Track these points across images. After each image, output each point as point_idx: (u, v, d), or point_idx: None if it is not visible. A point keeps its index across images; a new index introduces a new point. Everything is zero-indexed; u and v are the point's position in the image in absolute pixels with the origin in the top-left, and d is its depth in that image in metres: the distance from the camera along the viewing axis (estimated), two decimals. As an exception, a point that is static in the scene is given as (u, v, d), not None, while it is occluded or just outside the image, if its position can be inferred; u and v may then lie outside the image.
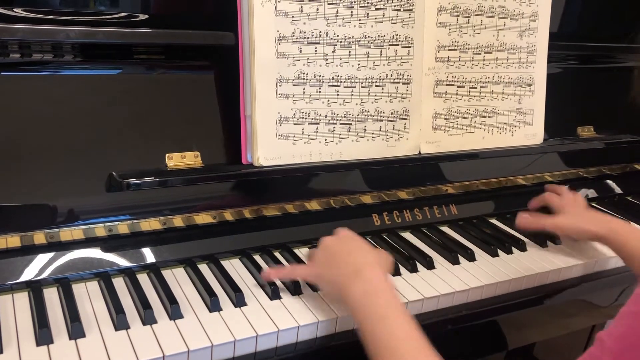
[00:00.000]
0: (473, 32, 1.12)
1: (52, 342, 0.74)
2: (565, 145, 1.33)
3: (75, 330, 0.75)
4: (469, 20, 1.11)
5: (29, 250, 0.85)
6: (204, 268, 0.94)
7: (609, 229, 1.03)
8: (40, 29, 0.85)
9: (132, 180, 0.87)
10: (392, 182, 1.12)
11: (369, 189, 1.10)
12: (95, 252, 0.89)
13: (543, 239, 1.14)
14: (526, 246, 1.11)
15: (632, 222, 1.27)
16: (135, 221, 0.91)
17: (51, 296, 0.83)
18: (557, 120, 1.31)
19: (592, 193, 1.39)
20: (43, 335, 0.74)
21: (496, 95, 1.18)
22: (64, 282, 0.85)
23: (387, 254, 0.90)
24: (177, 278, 0.91)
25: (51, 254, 0.86)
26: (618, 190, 1.42)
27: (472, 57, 1.13)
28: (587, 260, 1.09)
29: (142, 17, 0.95)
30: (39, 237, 0.85)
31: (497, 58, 1.16)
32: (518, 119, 1.22)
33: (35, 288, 0.83)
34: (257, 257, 0.98)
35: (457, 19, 1.10)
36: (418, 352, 0.71)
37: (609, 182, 1.43)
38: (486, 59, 1.15)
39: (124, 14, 0.94)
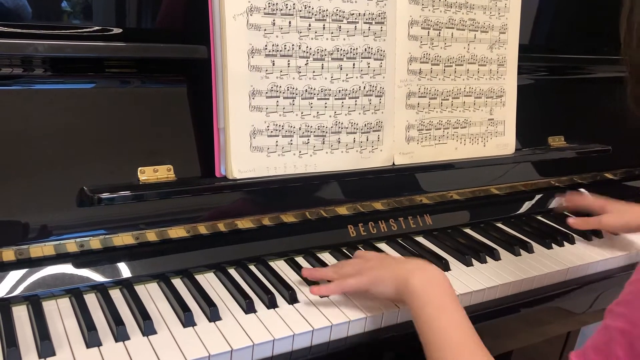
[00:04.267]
0: (444, 45, 1.14)
1: (20, 361, 0.72)
2: (537, 155, 1.35)
3: (45, 348, 0.74)
4: (439, 32, 1.13)
5: (-3, 268, 0.83)
6: (177, 283, 0.93)
7: None
8: (8, 42, 0.84)
9: (103, 195, 0.86)
10: (367, 193, 1.12)
11: (344, 201, 1.10)
12: (66, 268, 0.88)
13: (516, 246, 1.15)
14: (500, 255, 1.12)
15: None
16: (107, 236, 0.90)
17: (20, 314, 0.81)
18: (529, 131, 1.34)
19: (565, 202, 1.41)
20: (11, 355, 0.72)
21: (468, 106, 1.20)
22: (33, 300, 0.83)
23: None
24: (151, 293, 0.90)
25: (20, 271, 0.84)
26: (590, 198, 1.45)
27: (444, 69, 1.15)
28: (561, 267, 1.11)
29: (116, 30, 0.95)
30: (8, 254, 0.84)
31: (468, 70, 1.18)
32: (490, 129, 1.23)
33: (3, 306, 0.81)
34: (232, 271, 0.98)
35: (429, 32, 1.12)
36: (471, 340, 0.77)
37: (581, 190, 1.45)
38: (457, 71, 1.17)
39: (97, 28, 0.93)
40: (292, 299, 0.91)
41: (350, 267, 0.93)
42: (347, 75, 1.03)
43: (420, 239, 1.16)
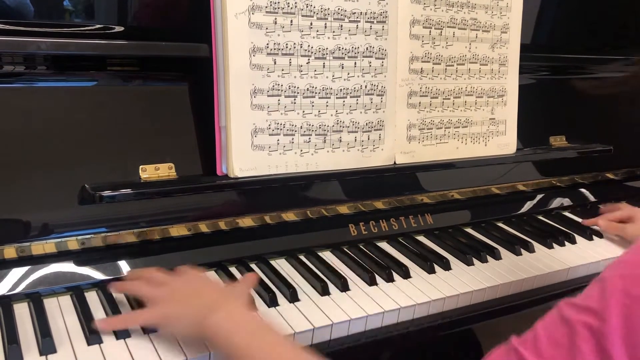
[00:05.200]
0: (446, 44, 1.14)
1: (21, 358, 0.72)
2: (538, 154, 1.35)
3: (46, 345, 0.74)
4: (441, 32, 1.13)
5: (-1, 265, 0.84)
6: (179, 281, 0.93)
7: None
8: (11, 40, 0.84)
9: (105, 193, 0.86)
10: (368, 193, 1.12)
11: (346, 199, 1.10)
12: (67, 266, 0.88)
13: (517, 246, 1.15)
14: (501, 254, 1.12)
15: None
16: (108, 234, 0.90)
17: (21, 311, 0.82)
18: (530, 130, 1.34)
19: (566, 202, 1.41)
20: (12, 352, 0.72)
21: (469, 105, 1.19)
22: (35, 297, 0.84)
23: (243, 286, 0.85)
24: (152, 291, 0.90)
25: (22, 269, 0.85)
26: (592, 198, 1.44)
27: (445, 69, 1.15)
28: (563, 267, 1.11)
29: (118, 29, 0.95)
30: (10, 252, 0.84)
31: (469, 69, 1.18)
32: (491, 129, 1.23)
33: (4, 304, 0.81)
34: (233, 269, 0.98)
35: (430, 31, 1.12)
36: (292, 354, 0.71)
37: (582, 190, 1.45)
38: (459, 70, 1.17)
39: (99, 26, 0.93)
40: (292, 297, 0.91)
41: (149, 287, 0.81)
42: (348, 74, 1.03)
43: (421, 238, 1.16)
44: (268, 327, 0.76)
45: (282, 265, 1.02)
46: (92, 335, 0.77)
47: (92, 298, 0.86)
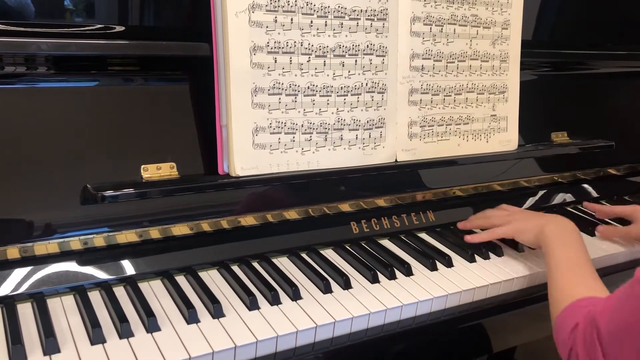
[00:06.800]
0: (446, 41, 1.14)
1: (25, 358, 0.73)
2: (540, 150, 1.35)
3: (50, 345, 0.74)
4: (442, 29, 1.13)
5: (2, 265, 0.84)
6: (181, 280, 0.93)
7: None
8: (12, 41, 0.84)
9: (106, 193, 0.86)
10: (370, 190, 1.12)
11: (347, 198, 1.10)
12: (70, 266, 0.88)
13: (519, 243, 1.15)
14: (503, 251, 1.12)
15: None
16: (110, 234, 0.90)
17: (25, 312, 0.82)
18: (532, 127, 1.34)
19: (569, 197, 1.41)
20: (16, 352, 0.73)
21: (470, 102, 1.19)
22: (38, 297, 0.84)
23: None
24: (155, 290, 0.90)
25: (25, 269, 0.85)
26: (594, 194, 1.44)
27: (446, 66, 1.15)
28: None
29: (119, 28, 0.95)
30: (13, 252, 0.84)
31: (470, 66, 1.18)
32: (492, 125, 1.23)
33: (8, 304, 0.82)
34: (235, 268, 0.98)
35: (431, 28, 1.12)
36: (583, 271, 0.93)
37: (585, 186, 1.45)
38: (460, 67, 1.17)
39: (100, 26, 0.94)
40: (295, 295, 0.91)
41: (496, 218, 1.12)
42: (349, 72, 1.03)
43: (423, 236, 1.17)
44: (580, 245, 0.99)
45: (284, 263, 1.02)
46: (95, 335, 0.77)
47: (95, 298, 0.87)
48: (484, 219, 1.15)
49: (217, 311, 0.85)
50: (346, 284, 0.96)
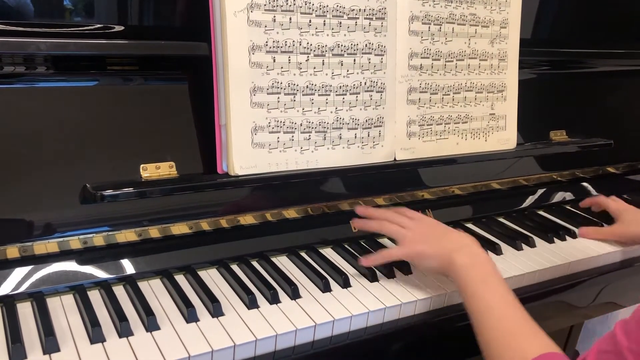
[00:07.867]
0: (445, 40, 1.14)
1: (25, 357, 0.73)
2: (539, 149, 1.35)
3: (50, 344, 0.75)
4: (440, 28, 1.13)
5: (2, 265, 0.84)
6: (180, 279, 0.93)
7: None
8: (10, 41, 0.84)
9: (105, 192, 0.87)
10: (369, 189, 1.13)
11: (346, 196, 1.10)
12: (70, 265, 0.88)
13: (518, 241, 1.15)
14: (502, 249, 1.13)
15: None
16: (110, 233, 0.90)
17: (25, 311, 0.82)
18: (530, 125, 1.34)
19: (568, 196, 1.41)
20: (16, 351, 0.73)
21: (469, 101, 1.20)
22: (38, 296, 0.84)
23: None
24: (154, 289, 0.91)
25: (25, 268, 0.85)
26: (593, 192, 1.44)
27: (445, 64, 1.15)
28: (564, 262, 1.11)
29: (118, 28, 0.95)
30: (12, 251, 0.84)
31: (469, 65, 1.18)
32: (491, 124, 1.23)
33: (8, 303, 0.82)
34: (235, 267, 0.98)
35: (429, 27, 1.12)
36: (513, 312, 0.82)
37: (584, 184, 1.45)
38: (458, 66, 1.17)
39: (99, 26, 0.94)
40: (294, 294, 0.91)
41: (394, 228, 0.99)
42: (348, 71, 1.03)
43: (422, 234, 1.16)
44: (500, 278, 0.88)
45: (283, 262, 1.02)
46: (95, 334, 0.77)
47: (95, 297, 0.87)
48: (379, 225, 1.01)
49: (216, 310, 0.85)
50: (345, 283, 0.96)
